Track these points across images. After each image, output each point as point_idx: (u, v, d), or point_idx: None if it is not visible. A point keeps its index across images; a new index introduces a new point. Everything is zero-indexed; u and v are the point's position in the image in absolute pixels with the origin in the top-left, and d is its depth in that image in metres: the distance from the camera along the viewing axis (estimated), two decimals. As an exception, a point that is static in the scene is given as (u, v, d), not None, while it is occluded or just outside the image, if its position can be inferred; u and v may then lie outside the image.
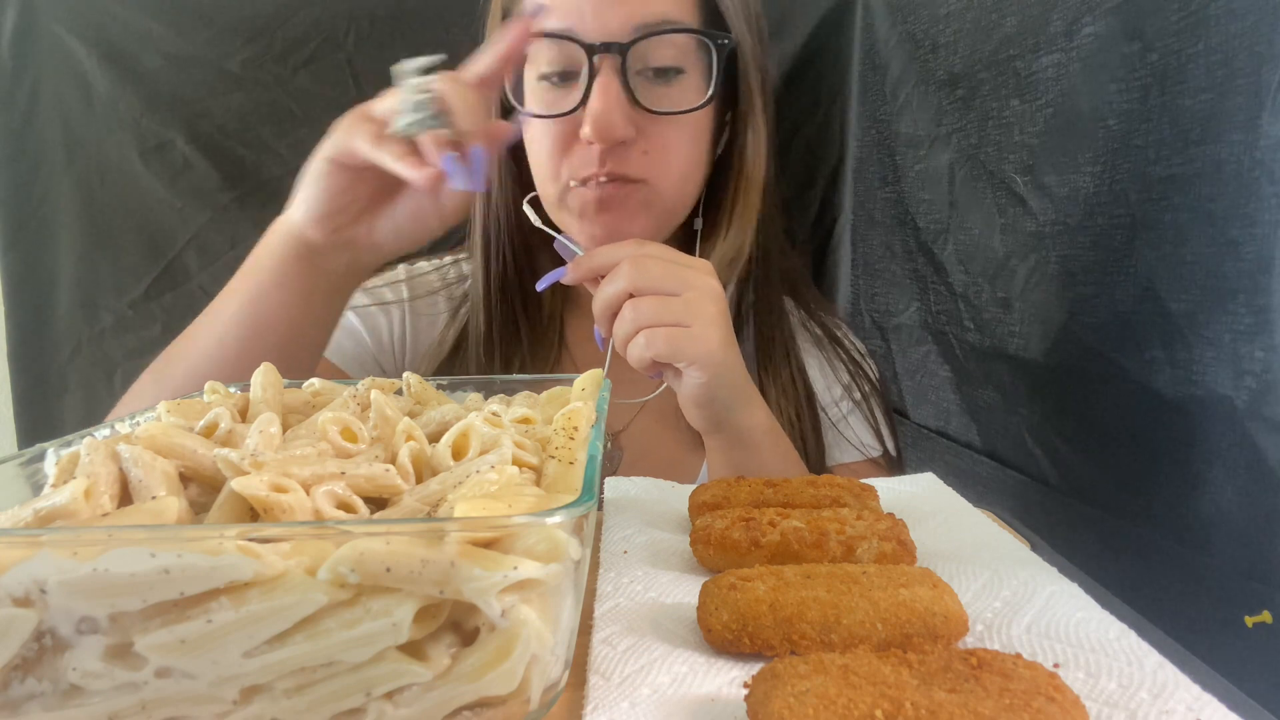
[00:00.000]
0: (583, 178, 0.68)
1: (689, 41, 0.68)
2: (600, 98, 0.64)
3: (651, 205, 0.70)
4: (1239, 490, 0.56)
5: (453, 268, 0.85)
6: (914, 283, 1.03)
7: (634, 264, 0.58)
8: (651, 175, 0.68)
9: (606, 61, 0.65)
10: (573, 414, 0.37)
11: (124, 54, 1.02)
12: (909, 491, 0.51)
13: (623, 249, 0.60)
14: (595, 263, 0.61)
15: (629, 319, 0.58)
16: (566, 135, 0.68)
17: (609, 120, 0.64)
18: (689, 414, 0.63)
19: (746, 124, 0.73)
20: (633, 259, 0.59)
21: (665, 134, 0.68)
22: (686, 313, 0.58)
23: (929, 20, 0.98)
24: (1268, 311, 0.53)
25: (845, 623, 0.31)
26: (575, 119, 0.67)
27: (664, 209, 0.71)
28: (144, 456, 0.31)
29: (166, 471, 0.31)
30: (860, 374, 0.80)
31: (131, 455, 0.31)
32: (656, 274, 0.58)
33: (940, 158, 0.95)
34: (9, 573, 0.24)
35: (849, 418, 0.79)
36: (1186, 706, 0.28)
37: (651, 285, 0.58)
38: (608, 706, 0.28)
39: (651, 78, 0.68)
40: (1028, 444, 0.81)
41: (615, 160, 0.67)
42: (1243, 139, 0.55)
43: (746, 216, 0.74)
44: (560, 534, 0.25)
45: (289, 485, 0.29)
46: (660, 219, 0.72)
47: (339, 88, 1.04)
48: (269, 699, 0.25)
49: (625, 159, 0.67)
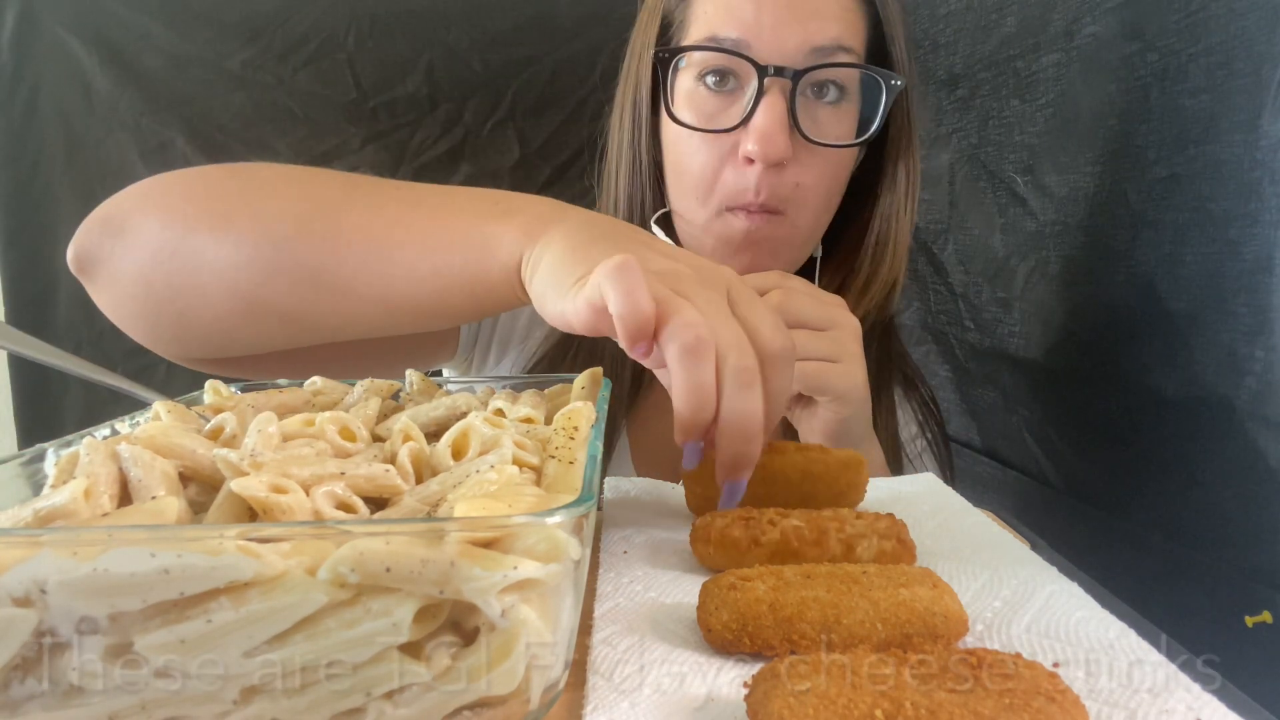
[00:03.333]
0: (736, 205, 0.66)
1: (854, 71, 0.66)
2: (766, 115, 0.63)
3: (789, 241, 0.69)
4: (1239, 490, 0.56)
5: None
6: (914, 283, 1.03)
7: (784, 296, 0.57)
8: (792, 207, 0.67)
9: (777, 83, 0.63)
10: (573, 413, 0.37)
11: (124, 54, 1.02)
12: (909, 491, 0.50)
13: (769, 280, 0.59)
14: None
15: None
16: (724, 151, 0.66)
17: (776, 140, 0.63)
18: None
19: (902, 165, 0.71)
20: (784, 291, 0.58)
21: (814, 167, 0.66)
22: (834, 348, 0.58)
23: (929, 20, 0.98)
24: (1268, 311, 0.53)
25: (845, 623, 0.31)
26: (732, 137, 0.65)
27: (798, 244, 0.70)
28: (144, 456, 0.31)
29: (166, 471, 0.31)
30: (931, 415, 0.80)
31: (131, 455, 0.31)
32: (805, 307, 0.58)
33: (940, 158, 0.95)
34: (9, 573, 0.24)
35: (923, 457, 0.78)
36: (1187, 706, 0.28)
37: (800, 318, 0.57)
38: (608, 706, 0.28)
39: (812, 97, 0.66)
40: (1028, 444, 0.82)
41: (770, 187, 0.65)
42: (1243, 139, 0.55)
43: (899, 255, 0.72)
44: (560, 534, 0.25)
45: (288, 486, 0.29)
46: (792, 257, 0.70)
47: (339, 88, 1.04)
48: (269, 699, 0.25)
49: (779, 186, 0.65)
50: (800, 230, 0.68)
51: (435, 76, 1.06)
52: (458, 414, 0.40)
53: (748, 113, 0.64)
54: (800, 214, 0.67)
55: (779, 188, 0.65)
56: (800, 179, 0.66)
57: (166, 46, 1.02)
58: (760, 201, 0.65)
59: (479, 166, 1.09)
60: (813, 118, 0.66)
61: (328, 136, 1.06)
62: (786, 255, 0.70)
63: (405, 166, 1.08)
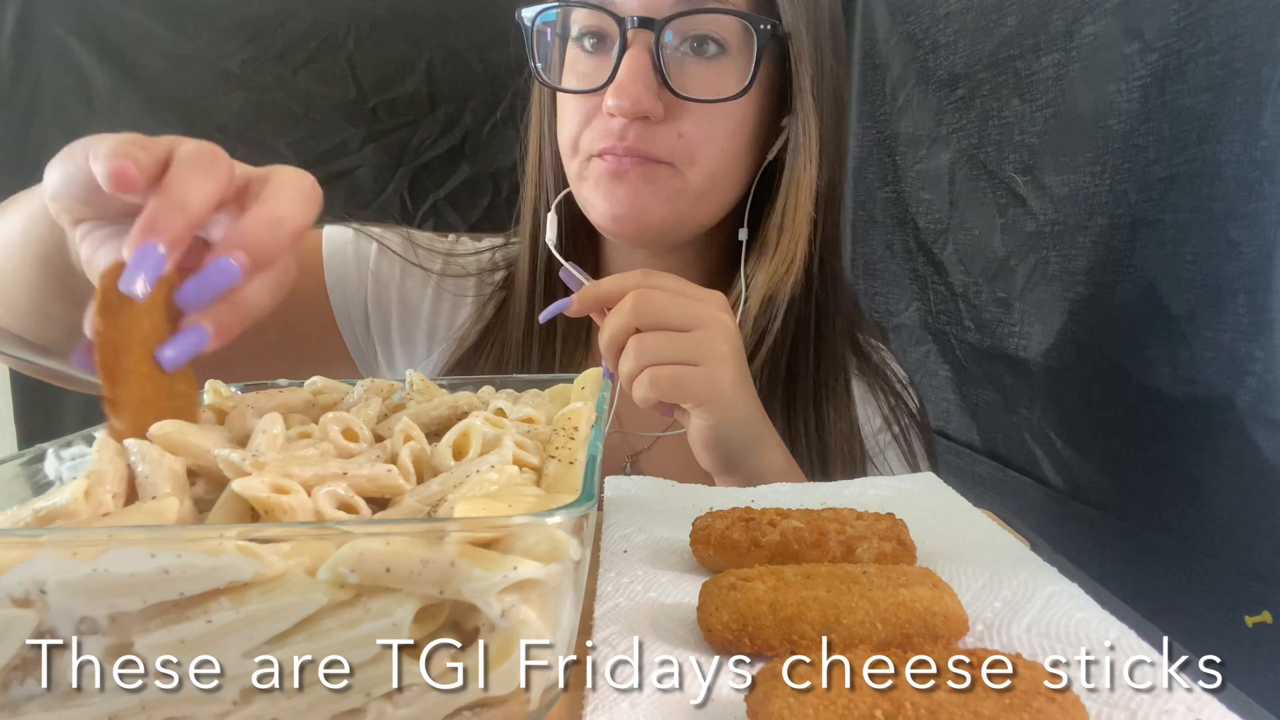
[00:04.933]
0: (600, 150, 0.64)
1: (735, 23, 0.63)
2: (626, 68, 0.61)
3: (680, 193, 0.65)
4: (1239, 490, 0.56)
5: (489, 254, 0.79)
6: (914, 282, 1.03)
7: (639, 297, 0.55)
8: (680, 160, 0.64)
9: (639, 36, 0.61)
10: (573, 414, 0.37)
11: (124, 54, 1.02)
12: (909, 491, 0.50)
13: (629, 279, 0.56)
14: (601, 293, 0.57)
15: (633, 356, 0.55)
16: (593, 109, 0.64)
17: (633, 92, 0.60)
18: (698, 455, 0.59)
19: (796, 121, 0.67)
20: (638, 292, 0.55)
21: (700, 120, 0.63)
22: (695, 350, 0.54)
23: (929, 20, 0.98)
24: (1268, 311, 0.53)
25: (845, 623, 0.31)
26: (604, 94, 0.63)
27: (690, 198, 0.66)
28: (151, 452, 0.31)
29: (173, 468, 0.31)
30: (901, 406, 0.75)
31: (139, 450, 0.31)
32: (663, 307, 0.55)
33: (940, 158, 0.95)
34: (9, 573, 0.24)
35: (885, 452, 0.74)
36: (1187, 707, 0.28)
37: (658, 320, 0.55)
38: (608, 706, 0.28)
39: (689, 52, 0.63)
40: (1028, 444, 0.82)
41: (640, 137, 0.62)
42: (1243, 139, 0.55)
43: (798, 224, 0.67)
44: (560, 534, 0.25)
45: (290, 486, 0.29)
46: (684, 209, 0.66)
47: (339, 88, 1.04)
48: (269, 699, 0.25)
49: (651, 137, 0.63)
50: (693, 184, 0.65)
51: (435, 76, 1.06)
52: (459, 414, 0.40)
53: (614, 69, 0.62)
54: (690, 166, 0.64)
55: (654, 140, 0.63)
56: (682, 131, 0.63)
57: (166, 46, 1.02)
58: (627, 145, 0.63)
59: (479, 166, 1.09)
60: (687, 73, 0.63)
61: (328, 136, 1.06)
62: (674, 205, 0.65)
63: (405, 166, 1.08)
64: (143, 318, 0.34)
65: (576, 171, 0.67)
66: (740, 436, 0.58)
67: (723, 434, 0.57)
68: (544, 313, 0.61)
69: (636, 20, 0.61)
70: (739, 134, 0.66)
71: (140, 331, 0.34)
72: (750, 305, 0.69)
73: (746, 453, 0.59)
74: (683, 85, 0.62)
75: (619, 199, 0.64)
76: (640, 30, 0.61)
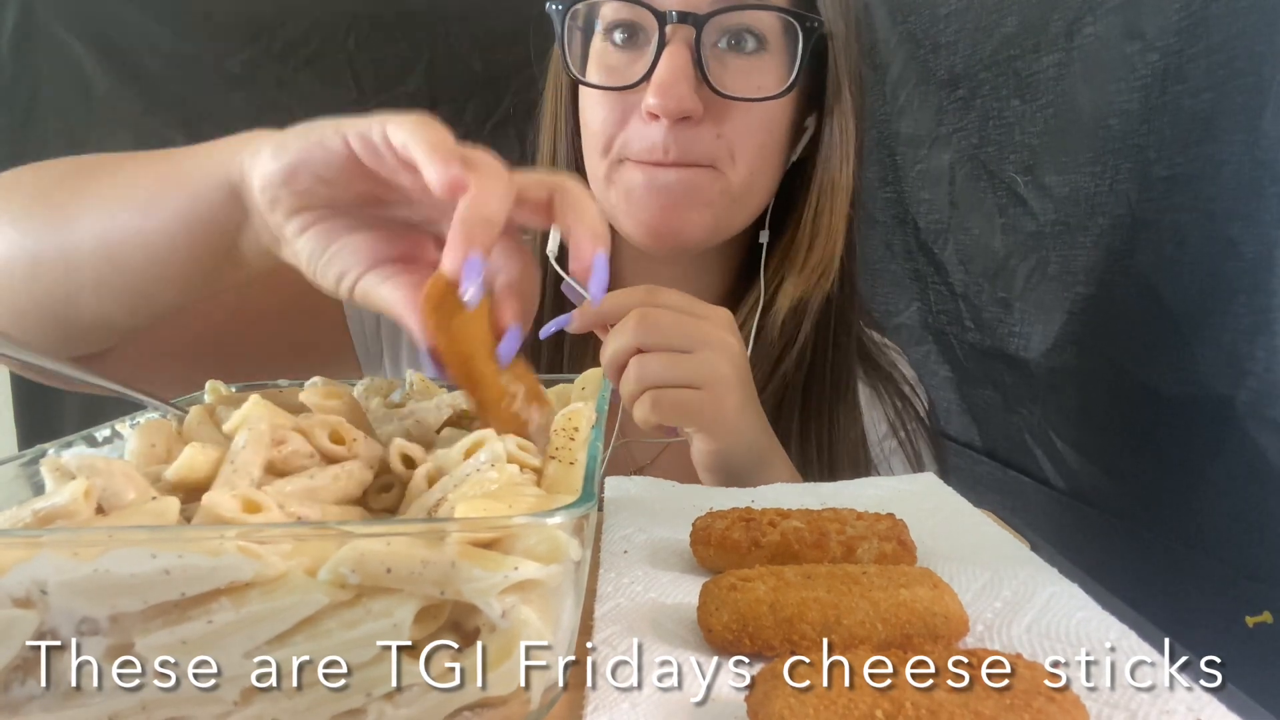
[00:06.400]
0: (642, 160, 0.61)
1: (775, 20, 0.61)
2: (667, 66, 0.58)
3: (721, 194, 0.63)
4: (1239, 490, 0.56)
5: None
6: (914, 282, 1.03)
7: (641, 316, 0.53)
8: (721, 160, 0.61)
9: (679, 32, 0.58)
10: (573, 414, 0.37)
11: (124, 54, 1.02)
12: (909, 491, 0.50)
13: (633, 297, 0.54)
14: (604, 310, 0.55)
15: (634, 377, 0.53)
16: (628, 107, 0.61)
17: (676, 92, 0.58)
18: (702, 477, 0.58)
19: (833, 121, 0.65)
20: (640, 311, 0.53)
21: (740, 118, 0.61)
22: (697, 373, 0.52)
23: (929, 20, 0.98)
24: (1268, 311, 0.53)
25: (845, 623, 0.31)
26: (638, 93, 0.60)
27: (730, 200, 0.63)
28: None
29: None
30: (908, 410, 0.73)
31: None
32: (666, 328, 0.53)
33: (940, 158, 0.95)
34: (9, 573, 0.24)
35: (890, 459, 0.72)
36: (1187, 707, 0.28)
37: (660, 340, 0.53)
38: (608, 706, 0.28)
39: (727, 48, 0.61)
40: (1028, 444, 0.82)
41: (682, 142, 0.60)
42: (1243, 139, 0.55)
43: (835, 226, 0.65)
44: (561, 534, 0.25)
45: (264, 503, 0.28)
46: (723, 213, 0.64)
47: (339, 88, 1.04)
48: (269, 699, 0.25)
49: (694, 140, 0.60)
50: (734, 184, 0.63)
51: (435, 76, 1.06)
52: (459, 414, 0.40)
53: (651, 66, 0.59)
54: (731, 167, 0.62)
55: (696, 142, 0.60)
56: (720, 131, 0.61)
57: (166, 46, 1.02)
58: (672, 160, 0.60)
59: (479, 166, 1.09)
60: (727, 69, 0.61)
61: (328, 136, 1.05)
62: (723, 210, 0.64)
63: (405, 166, 1.08)
64: (471, 323, 0.36)
65: (605, 174, 0.64)
66: (745, 460, 0.57)
67: (727, 459, 0.56)
68: (544, 329, 0.59)
69: (676, 15, 0.58)
70: (775, 131, 0.64)
71: (475, 337, 0.36)
72: (779, 310, 0.67)
73: (751, 476, 0.57)
74: (722, 82, 0.60)
75: (656, 212, 0.62)
76: (680, 25, 0.58)
